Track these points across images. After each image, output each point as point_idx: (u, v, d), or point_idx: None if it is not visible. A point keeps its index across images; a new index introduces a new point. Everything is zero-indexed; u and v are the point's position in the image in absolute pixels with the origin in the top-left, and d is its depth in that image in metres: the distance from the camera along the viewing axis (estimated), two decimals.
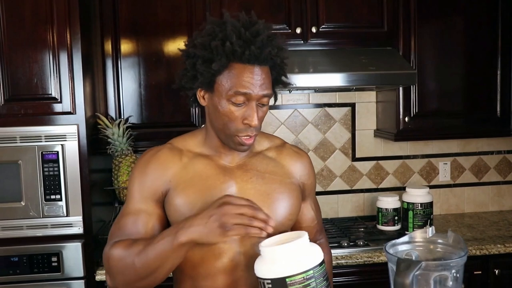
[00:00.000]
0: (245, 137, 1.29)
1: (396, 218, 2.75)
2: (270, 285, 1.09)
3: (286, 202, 1.38)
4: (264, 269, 1.11)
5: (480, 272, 2.54)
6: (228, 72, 1.24)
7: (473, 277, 2.52)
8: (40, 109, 2.19)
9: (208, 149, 1.40)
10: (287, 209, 1.38)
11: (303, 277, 1.07)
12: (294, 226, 1.49)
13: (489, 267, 2.55)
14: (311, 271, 1.08)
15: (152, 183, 1.35)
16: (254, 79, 1.24)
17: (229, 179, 1.36)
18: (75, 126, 2.19)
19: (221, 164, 1.38)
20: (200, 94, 1.32)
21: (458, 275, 1.14)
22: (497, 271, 2.54)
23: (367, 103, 3.04)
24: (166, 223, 1.36)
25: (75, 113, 2.19)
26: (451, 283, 1.13)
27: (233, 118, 1.27)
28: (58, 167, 2.19)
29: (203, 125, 1.47)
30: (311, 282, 1.07)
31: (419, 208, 2.70)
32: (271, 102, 1.37)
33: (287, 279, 1.06)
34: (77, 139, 2.19)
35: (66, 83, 2.18)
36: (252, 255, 1.29)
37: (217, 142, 1.37)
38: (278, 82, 1.36)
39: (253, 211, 1.11)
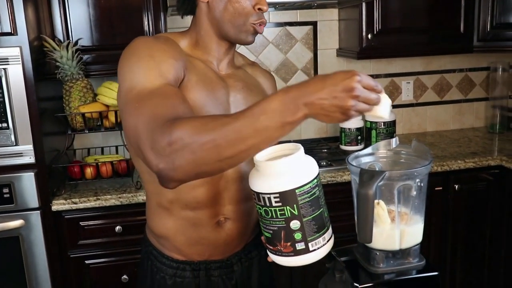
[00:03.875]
0: (259, 24, 1.27)
1: (359, 137, 2.73)
2: (277, 199, 1.06)
3: None
4: (269, 183, 1.06)
5: (441, 188, 2.58)
6: None
7: (434, 193, 2.56)
8: None
9: (201, 52, 1.32)
10: None
11: (310, 186, 1.07)
12: None
13: (449, 183, 2.59)
14: (315, 180, 1.08)
15: (174, 61, 1.17)
16: None
17: (225, 86, 1.31)
18: (18, 49, 2.03)
19: (214, 69, 1.32)
20: None
21: (422, 185, 1.11)
22: (457, 186, 2.58)
23: (329, 22, 2.94)
24: None
25: (17, 34, 2.02)
26: (415, 192, 1.10)
27: (246, 5, 1.24)
28: (2, 93, 2.04)
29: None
30: (315, 191, 1.08)
31: (382, 127, 2.69)
32: None
33: (296, 190, 1.05)
34: (21, 62, 2.04)
35: (3, 0, 2.00)
36: (238, 167, 1.28)
37: (212, 45, 1.31)
38: None
39: (377, 97, 0.93)
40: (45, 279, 2.22)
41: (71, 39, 2.35)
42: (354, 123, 2.72)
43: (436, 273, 1.15)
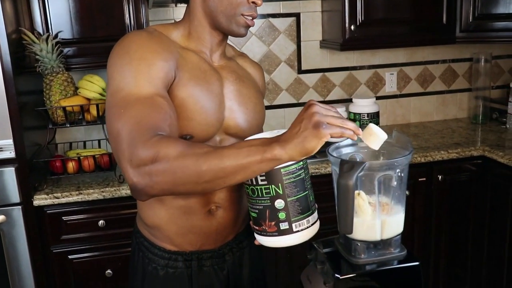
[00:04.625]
0: (250, 18, 1.26)
1: None
2: (263, 177, 1.09)
3: (261, 106, 1.41)
4: None
5: (424, 179, 2.59)
6: None
7: (418, 184, 2.57)
8: None
9: (194, 43, 1.31)
10: (262, 113, 1.42)
11: (295, 167, 1.09)
12: None
13: (432, 174, 2.60)
14: (301, 162, 1.11)
15: (164, 63, 1.17)
16: None
17: (220, 78, 1.31)
18: None
19: (208, 61, 1.32)
20: None
21: (402, 175, 1.11)
22: (440, 177, 2.59)
23: (313, 13, 2.92)
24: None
25: None
26: (395, 183, 1.10)
27: None
28: None
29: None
30: (301, 173, 1.10)
31: (366, 118, 2.69)
32: None
33: (282, 170, 1.08)
34: None
35: None
36: None
37: (205, 36, 1.30)
38: None
39: (340, 115, 0.99)
40: (27, 274, 2.20)
41: (51, 32, 2.32)
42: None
43: (417, 263, 1.15)
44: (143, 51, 1.16)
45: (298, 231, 1.12)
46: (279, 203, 1.10)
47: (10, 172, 2.11)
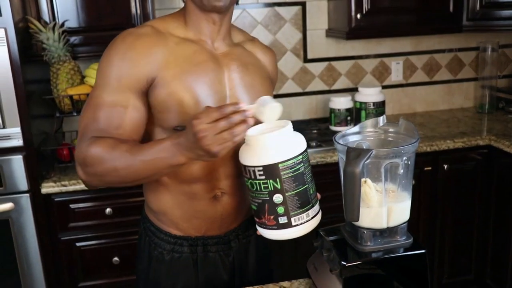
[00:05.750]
0: None
1: (348, 118, 2.73)
2: (261, 172, 1.09)
3: (265, 94, 1.35)
4: (254, 157, 1.11)
5: (430, 168, 2.59)
6: None
7: (424, 173, 2.57)
8: None
9: (192, 32, 1.30)
10: None
11: (294, 162, 1.09)
12: None
13: (438, 163, 2.60)
14: (300, 156, 1.11)
15: (136, 70, 1.21)
16: None
17: (219, 66, 1.30)
18: (2, 30, 2.00)
19: (208, 49, 1.30)
20: None
21: (409, 163, 1.11)
22: (446, 166, 2.60)
23: (318, 2, 2.91)
24: (145, 117, 1.25)
25: (1, 15, 2.00)
26: (402, 170, 1.10)
27: None
28: None
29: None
30: (300, 167, 1.10)
31: (372, 107, 2.69)
32: None
33: (279, 165, 1.08)
34: (6, 44, 2.01)
35: None
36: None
37: (200, 22, 1.28)
38: None
39: (227, 121, 1.03)
40: (36, 262, 2.22)
41: (57, 20, 2.33)
42: (343, 103, 2.72)
43: (423, 251, 1.15)
44: (121, 57, 1.22)
45: (297, 225, 1.13)
46: (278, 198, 1.10)
47: (18, 160, 2.13)
